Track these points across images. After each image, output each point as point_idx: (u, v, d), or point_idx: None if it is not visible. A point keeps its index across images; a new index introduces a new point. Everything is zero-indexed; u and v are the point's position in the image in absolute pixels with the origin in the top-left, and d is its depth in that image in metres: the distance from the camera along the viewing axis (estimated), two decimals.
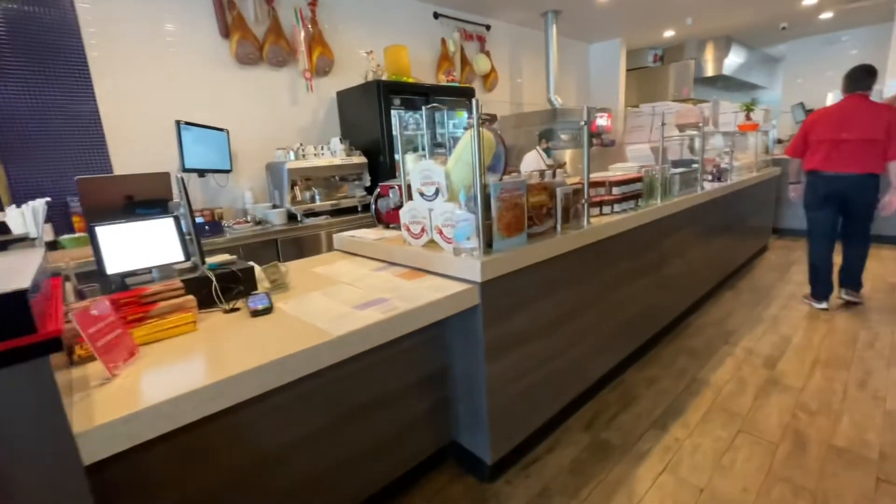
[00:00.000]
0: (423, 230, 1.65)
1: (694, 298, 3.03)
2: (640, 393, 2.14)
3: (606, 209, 2.13)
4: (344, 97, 3.68)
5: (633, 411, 2.00)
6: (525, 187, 1.59)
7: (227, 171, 3.14)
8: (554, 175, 1.84)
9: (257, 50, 3.23)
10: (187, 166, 2.71)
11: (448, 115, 4.09)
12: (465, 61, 4.67)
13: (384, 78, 3.46)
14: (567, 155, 4.63)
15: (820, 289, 3.08)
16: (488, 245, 1.51)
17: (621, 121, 6.44)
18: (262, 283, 1.50)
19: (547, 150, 3.72)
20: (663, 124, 2.41)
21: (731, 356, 2.44)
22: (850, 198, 2.91)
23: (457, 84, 4.04)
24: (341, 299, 1.35)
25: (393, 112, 2.83)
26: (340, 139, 3.37)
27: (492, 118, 2.06)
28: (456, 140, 3.95)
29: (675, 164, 3.41)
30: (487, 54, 4.90)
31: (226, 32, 3.12)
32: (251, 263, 1.47)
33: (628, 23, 5.62)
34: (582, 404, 2.05)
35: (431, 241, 1.63)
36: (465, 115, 4.00)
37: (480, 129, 1.60)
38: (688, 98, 6.75)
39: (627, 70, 7.28)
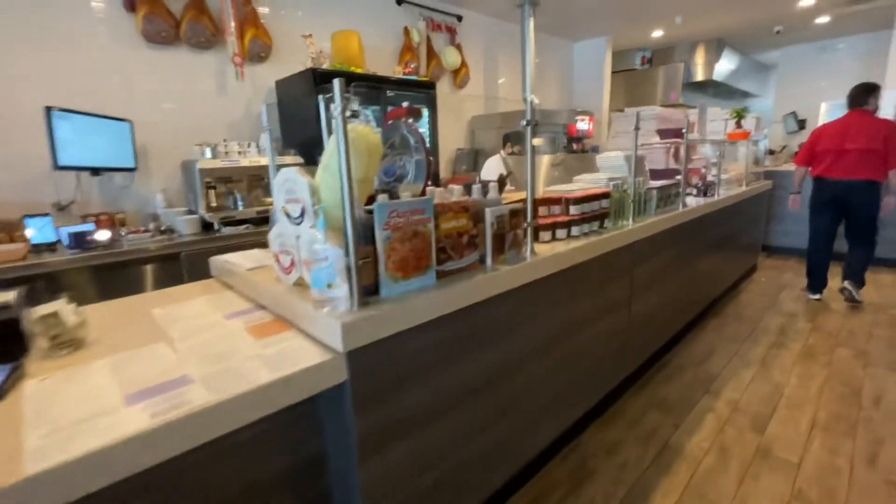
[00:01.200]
0: (292, 263, 1.19)
1: (671, 333, 2.62)
2: (597, 466, 1.70)
3: (562, 233, 1.69)
4: (282, 88, 3.21)
5: (586, 494, 1.57)
6: (432, 209, 1.14)
7: (131, 170, 2.66)
8: (483, 191, 1.40)
9: (172, 27, 2.74)
10: (62, 163, 2.22)
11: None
12: (431, 54, 4.22)
13: (325, 66, 2.99)
14: (544, 162, 4.20)
15: (814, 282, 3.51)
16: (370, 292, 1.06)
17: (606, 125, 6.04)
18: (41, 339, 1.04)
19: (513, 155, 3.29)
20: (637, 129, 1.99)
21: (712, 412, 2.02)
22: (850, 201, 3.27)
23: (415, 77, 3.58)
24: (125, 377, 0.89)
25: (322, 100, 2.37)
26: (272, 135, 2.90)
27: (412, 113, 1.62)
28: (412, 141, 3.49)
29: (657, 175, 3.00)
30: (458, 48, 4.46)
31: (131, 5, 2.64)
32: (21, 311, 1.01)
33: (614, 20, 5.23)
34: (522, 484, 1.61)
35: (302, 280, 1.18)
36: (426, 112, 3.56)
37: (363, 124, 1.15)
38: (676, 103, 6.38)
39: (614, 72, 6.90)
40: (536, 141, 4.56)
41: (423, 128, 3.65)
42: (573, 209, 1.72)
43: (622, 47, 6.64)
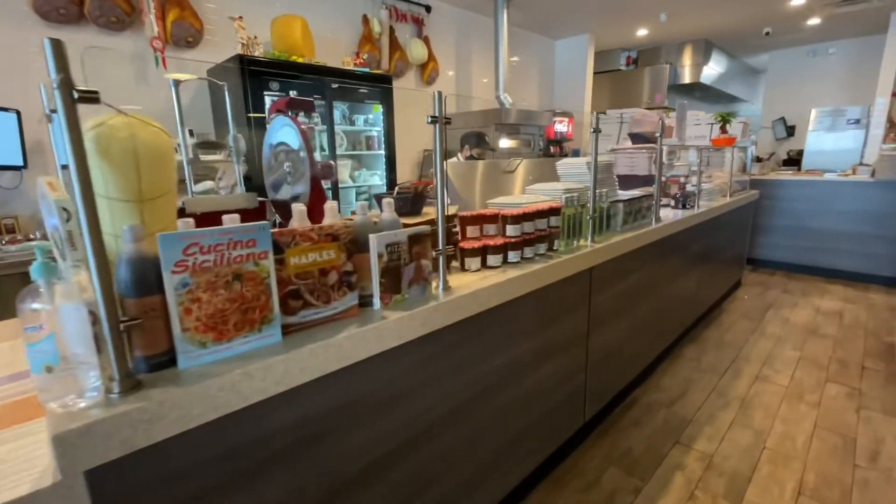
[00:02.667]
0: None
1: (641, 366, 2.30)
2: None
3: (496, 259, 1.36)
4: (213, 79, 2.84)
5: None
6: (269, 238, 0.80)
7: (19, 168, 2.28)
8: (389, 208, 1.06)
9: (74, 4, 2.37)
10: None
11: (355, 108, 3.29)
12: (395, 46, 3.88)
13: (257, 54, 2.63)
14: (520, 168, 3.86)
15: None
16: (155, 366, 0.71)
17: (587, 127, 5.74)
18: None
19: (471, 158, 2.96)
20: (596, 131, 1.66)
21: (682, 471, 1.69)
22: None
23: (366, 70, 3.23)
24: None
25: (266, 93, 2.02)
26: (191, 133, 2.53)
27: (296, 105, 1.28)
28: (364, 140, 3.13)
29: (633, 184, 2.69)
30: (426, 41, 4.12)
31: None
32: None
33: (596, 16, 4.92)
34: None
35: None
36: (380, 108, 3.22)
37: (135, 119, 0.81)
38: (661, 106, 6.10)
39: (598, 72, 6.62)
40: (512, 144, 4.23)
41: (378, 126, 3.31)
42: (511, 229, 1.39)
43: (607, 47, 6.35)
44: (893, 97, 5.10)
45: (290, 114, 1.24)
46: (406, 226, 1.11)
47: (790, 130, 6.79)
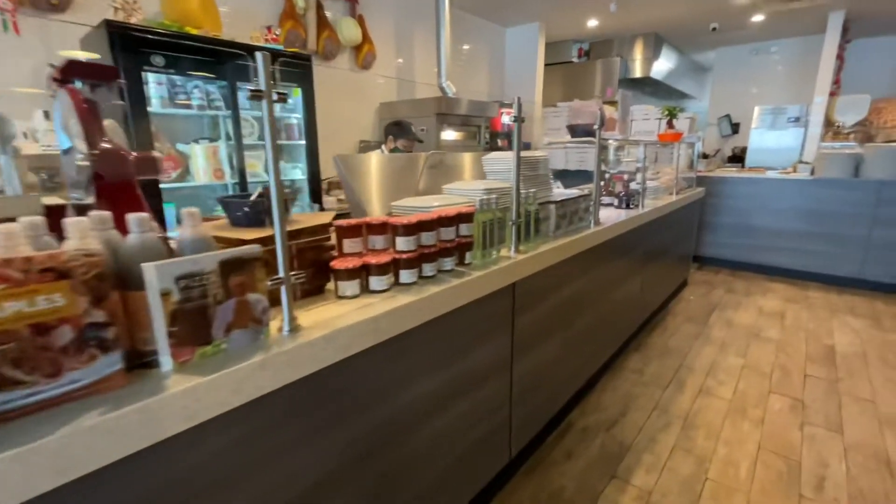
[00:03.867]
0: None
1: (578, 385, 2.08)
2: None
3: (381, 282, 1.06)
4: (87, 49, 2.37)
5: None
6: None
7: None
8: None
9: None
10: None
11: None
12: (323, 24, 3.48)
13: (134, 21, 2.19)
14: (459, 163, 3.58)
15: None
16: None
17: (539, 121, 5.55)
18: None
19: (396, 151, 2.64)
20: (519, 120, 1.40)
21: None
22: None
23: (278, 47, 2.83)
24: None
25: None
26: (46, 114, 2.07)
27: (88, 73, 0.92)
28: (283, 128, 2.74)
29: (579, 180, 2.47)
30: (360, 20, 3.74)
31: None
32: None
33: (545, 4, 4.69)
34: None
35: None
36: (300, 92, 2.83)
37: None
38: (612, 100, 6.00)
39: (551, 64, 6.44)
40: (457, 136, 3.93)
41: (297, 112, 2.92)
42: (402, 242, 1.09)
43: (558, 37, 6.17)
44: (831, 96, 5.20)
45: (66, 85, 0.88)
46: (238, 243, 0.80)
47: (735, 128, 6.90)
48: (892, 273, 3.67)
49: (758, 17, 5.20)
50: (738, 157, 6.54)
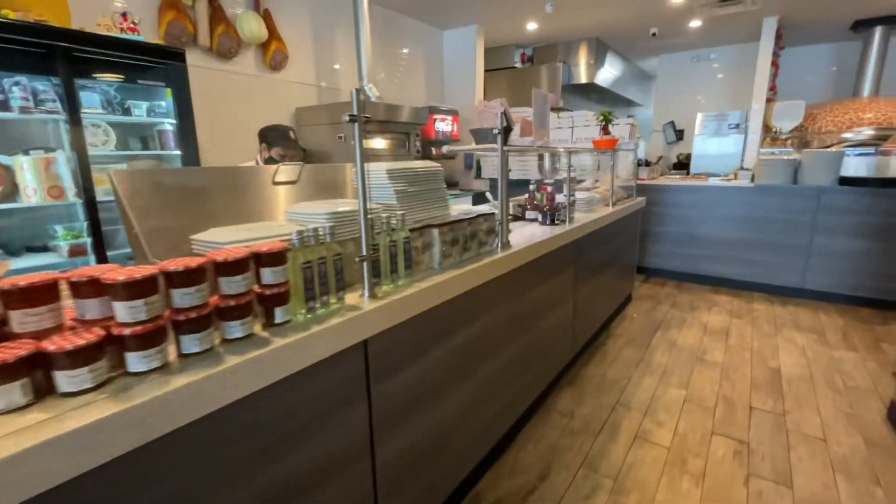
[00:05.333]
0: None
1: (489, 446, 1.72)
2: None
3: (73, 379, 0.65)
4: None
5: None
6: None
7: None
8: None
9: None
10: None
11: (135, 91, 2.42)
12: (219, 17, 3.04)
13: None
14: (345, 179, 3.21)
15: None
16: None
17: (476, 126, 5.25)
18: None
19: (271, 161, 2.23)
20: (355, 120, 1.03)
21: None
22: None
23: (140, 38, 2.37)
24: None
25: None
26: None
27: None
28: (156, 136, 2.31)
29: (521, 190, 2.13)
30: (266, 15, 3.32)
31: None
32: None
33: (480, 5, 4.43)
34: None
35: None
36: (172, 95, 2.38)
37: None
38: (556, 107, 5.80)
39: (495, 70, 6.21)
40: (385, 144, 3.56)
41: (169, 118, 2.45)
42: (123, 310, 0.69)
43: (500, 42, 5.94)
44: (768, 102, 5.19)
45: None
46: None
47: (679, 134, 6.89)
48: (832, 282, 3.57)
49: (695, 23, 5.14)
50: (683, 164, 6.50)
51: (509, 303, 1.72)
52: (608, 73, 6.52)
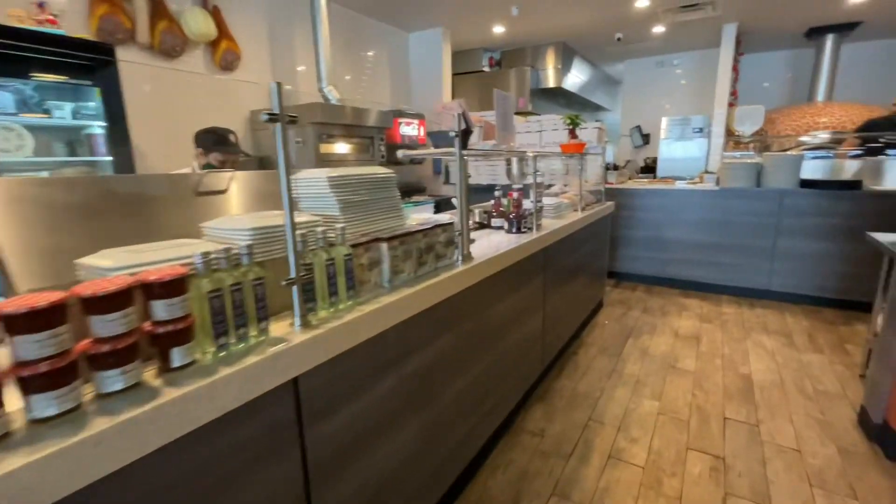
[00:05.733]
0: None
1: (453, 477, 1.58)
2: None
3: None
4: None
5: None
6: None
7: None
8: None
9: None
10: None
11: (56, 91, 2.17)
12: (161, 13, 2.81)
13: None
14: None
15: None
16: None
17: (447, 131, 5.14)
18: None
19: (209, 167, 2.04)
20: (274, 119, 0.88)
21: None
22: None
23: (60, 31, 2.13)
24: None
25: None
26: None
27: None
28: (85, 140, 2.05)
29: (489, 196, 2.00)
30: (215, 13, 3.11)
31: None
32: None
33: (446, 6, 4.32)
34: None
35: None
36: (101, 95, 2.15)
37: None
38: (525, 111, 5.77)
39: (463, 73, 6.13)
40: (348, 149, 3.39)
41: (99, 121, 2.22)
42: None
43: (468, 45, 5.87)
44: (730, 107, 5.29)
45: None
46: None
47: (646, 138, 6.98)
48: (796, 283, 3.61)
49: (659, 29, 5.20)
50: (650, 168, 6.58)
51: (473, 319, 1.59)
52: (576, 77, 6.55)
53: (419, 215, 1.83)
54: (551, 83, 6.08)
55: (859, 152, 3.81)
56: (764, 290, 3.74)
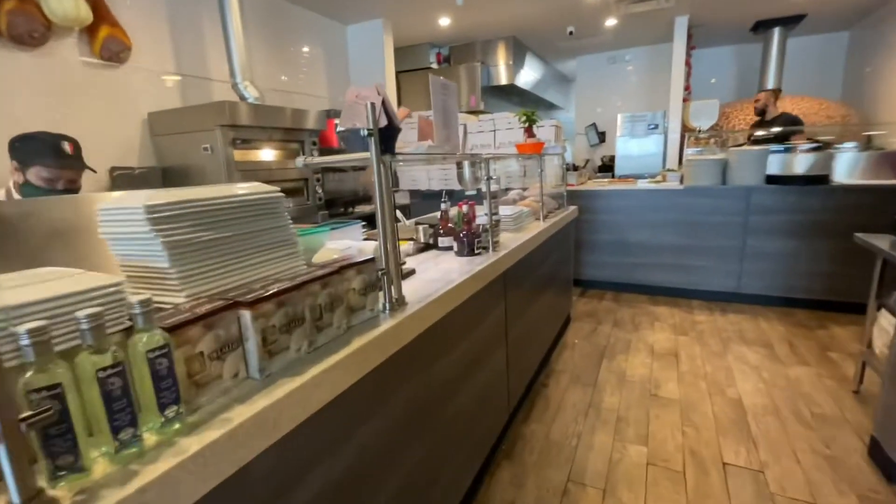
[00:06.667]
0: None
1: None
2: None
3: None
4: None
5: None
6: None
7: None
8: None
9: None
10: None
11: None
12: None
13: None
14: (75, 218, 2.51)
15: None
16: None
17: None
18: None
19: (28, 189, 1.50)
20: None
21: None
22: None
23: None
24: None
25: None
26: None
27: None
28: None
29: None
30: None
31: None
32: None
33: None
34: None
35: None
36: None
37: None
38: (477, 110, 5.42)
39: (410, 71, 5.70)
40: (275, 154, 2.88)
41: None
42: None
43: (413, 40, 5.45)
44: (684, 102, 5.16)
45: None
46: None
47: (602, 136, 6.82)
48: (766, 285, 3.43)
49: (611, 21, 4.99)
50: (607, 167, 6.41)
51: (412, 385, 1.16)
52: (528, 75, 6.28)
53: (337, 243, 1.38)
54: (504, 80, 5.77)
55: (814, 146, 3.70)
56: (734, 293, 3.54)
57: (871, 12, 4.90)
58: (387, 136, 1.15)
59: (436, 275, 1.44)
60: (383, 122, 1.11)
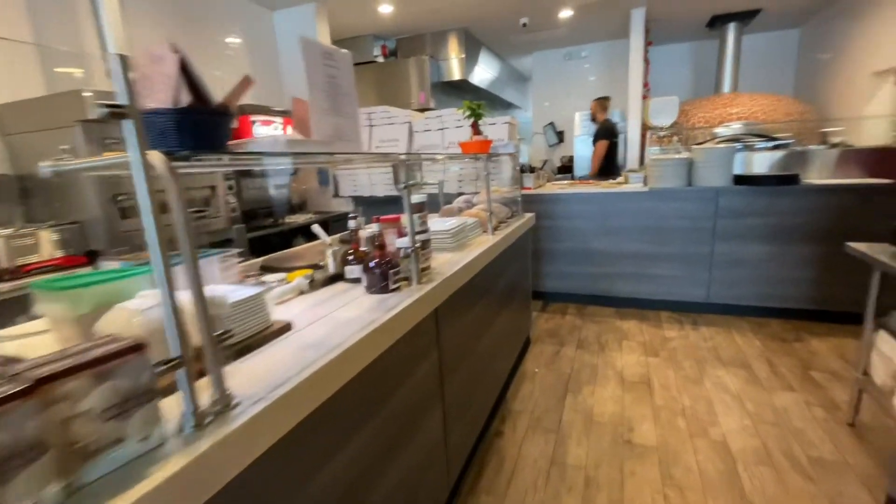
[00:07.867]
0: None
1: None
2: None
3: None
4: None
5: None
6: None
7: None
8: None
9: None
10: None
11: None
12: None
13: None
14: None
15: None
16: None
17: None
18: None
19: None
20: None
21: None
22: None
23: None
24: None
25: None
26: None
27: None
28: None
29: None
30: None
31: None
32: None
33: None
34: None
35: None
36: None
37: None
38: (426, 107, 4.98)
39: (356, 64, 5.19)
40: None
41: None
42: None
43: (354, 30, 4.96)
44: (643, 99, 4.93)
45: None
46: None
47: (560, 136, 6.55)
48: (737, 294, 3.17)
49: (565, 13, 4.68)
50: (567, 168, 6.14)
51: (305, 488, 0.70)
52: (484, 72, 5.91)
53: (155, 295, 0.89)
54: (456, 76, 5.36)
55: (782, 143, 3.50)
56: (704, 302, 3.27)
57: (820, 10, 4.84)
58: (195, 123, 0.69)
59: (324, 329, 0.98)
60: (184, 101, 0.65)
